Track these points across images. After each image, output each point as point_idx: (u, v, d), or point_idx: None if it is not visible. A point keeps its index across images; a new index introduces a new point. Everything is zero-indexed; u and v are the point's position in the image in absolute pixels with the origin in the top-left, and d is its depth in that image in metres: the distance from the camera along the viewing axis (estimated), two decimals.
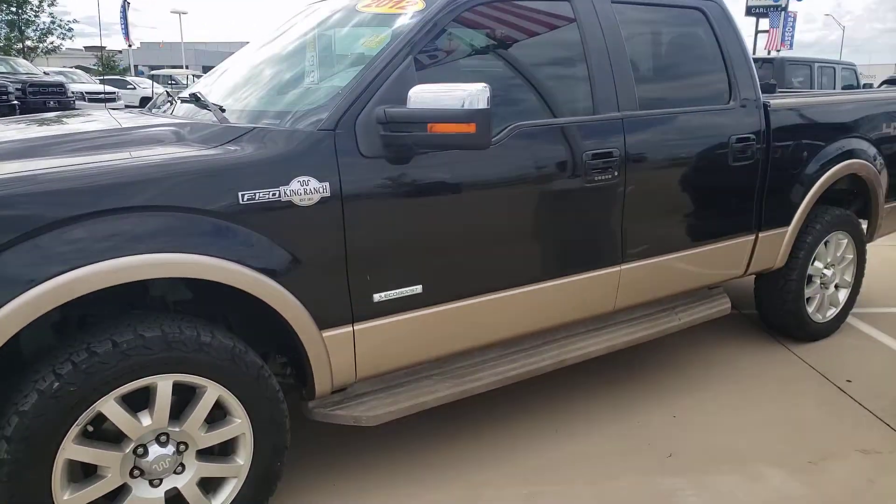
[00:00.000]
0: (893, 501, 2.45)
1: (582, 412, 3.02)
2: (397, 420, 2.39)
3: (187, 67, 39.55)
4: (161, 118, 2.62)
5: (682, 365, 3.53)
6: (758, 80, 3.33)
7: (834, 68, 12.01)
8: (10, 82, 17.22)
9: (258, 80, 2.70)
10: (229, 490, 2.05)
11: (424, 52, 2.31)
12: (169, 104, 2.88)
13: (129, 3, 36.95)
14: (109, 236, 1.75)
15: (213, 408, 1.97)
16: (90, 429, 1.81)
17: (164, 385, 1.86)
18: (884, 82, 8.63)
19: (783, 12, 34.12)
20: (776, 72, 10.46)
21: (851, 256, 3.97)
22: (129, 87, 28.32)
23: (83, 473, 1.87)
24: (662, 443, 2.79)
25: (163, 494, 1.93)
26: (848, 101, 4.02)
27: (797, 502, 2.43)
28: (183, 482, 1.96)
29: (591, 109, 2.66)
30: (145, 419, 1.86)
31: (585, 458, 2.66)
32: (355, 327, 2.17)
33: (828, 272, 3.84)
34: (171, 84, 28.16)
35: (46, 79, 20.03)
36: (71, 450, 1.76)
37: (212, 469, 2.01)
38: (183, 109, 2.70)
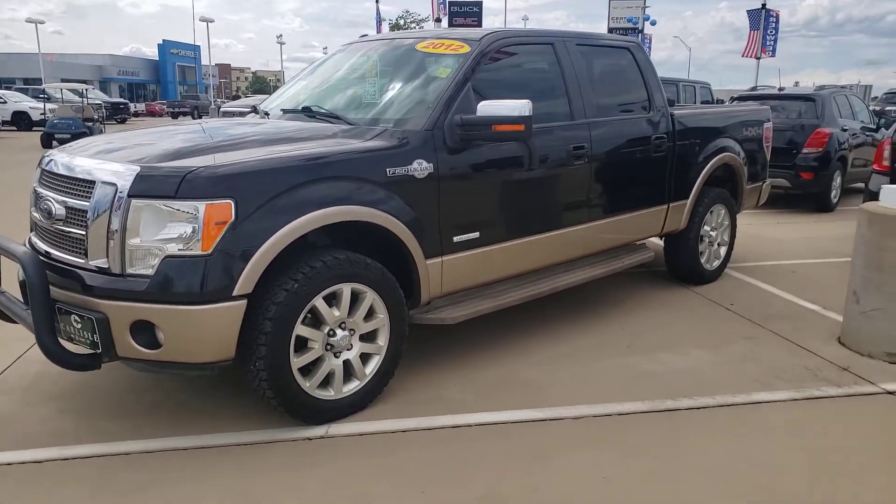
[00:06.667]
0: (764, 357, 3.92)
1: (565, 327, 4.33)
2: (457, 324, 3.57)
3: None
4: (301, 123, 3.59)
5: (622, 301, 4.94)
6: (665, 96, 4.80)
7: (694, 86, 14.40)
8: None
9: (349, 94, 3.80)
10: (375, 362, 3.14)
11: (475, 78, 3.52)
12: (265, 115, 3.90)
13: None
14: (321, 195, 2.81)
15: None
16: (308, 316, 2.86)
17: (346, 289, 2.93)
18: (733, 99, 10.69)
19: (640, 34, 38.19)
20: None
21: (727, 223, 5.55)
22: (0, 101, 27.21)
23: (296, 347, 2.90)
24: (620, 342, 4.13)
25: (341, 362, 3.00)
26: (722, 112, 5.65)
27: (711, 361, 3.84)
28: (352, 355, 3.04)
29: (570, 117, 3.98)
30: (336, 312, 2.93)
31: (576, 352, 3.95)
32: (444, 258, 3.33)
33: (713, 233, 5.40)
34: (43, 98, 27.09)
35: None
36: (299, 328, 2.81)
37: (367, 347, 3.10)
38: (286, 118, 3.75)
